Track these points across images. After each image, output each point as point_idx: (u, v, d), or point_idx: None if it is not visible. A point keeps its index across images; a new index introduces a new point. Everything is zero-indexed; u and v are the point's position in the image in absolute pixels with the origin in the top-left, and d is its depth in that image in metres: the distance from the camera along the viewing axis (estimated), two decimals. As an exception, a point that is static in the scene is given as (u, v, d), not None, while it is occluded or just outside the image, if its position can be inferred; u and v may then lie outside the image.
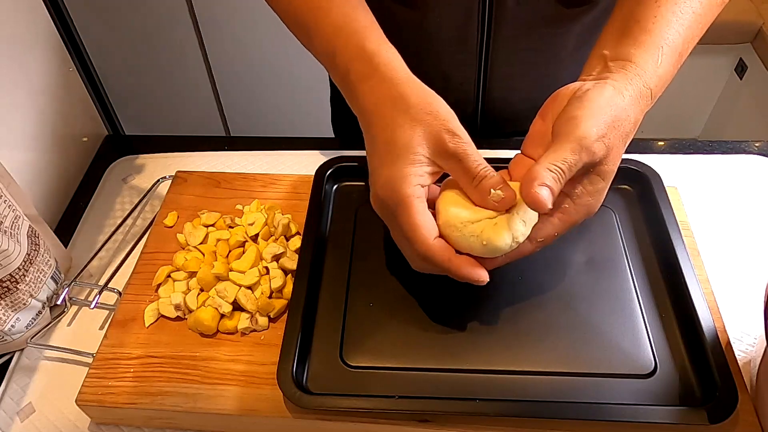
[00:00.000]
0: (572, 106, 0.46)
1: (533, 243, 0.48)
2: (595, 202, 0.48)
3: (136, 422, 0.52)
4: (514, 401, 0.48)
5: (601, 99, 0.45)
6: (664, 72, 0.49)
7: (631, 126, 0.47)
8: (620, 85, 0.46)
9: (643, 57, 0.48)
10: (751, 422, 0.47)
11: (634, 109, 0.47)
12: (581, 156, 0.43)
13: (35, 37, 0.68)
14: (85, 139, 0.78)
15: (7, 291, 0.52)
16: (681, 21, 0.49)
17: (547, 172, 0.43)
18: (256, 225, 0.61)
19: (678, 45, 0.49)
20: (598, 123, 0.44)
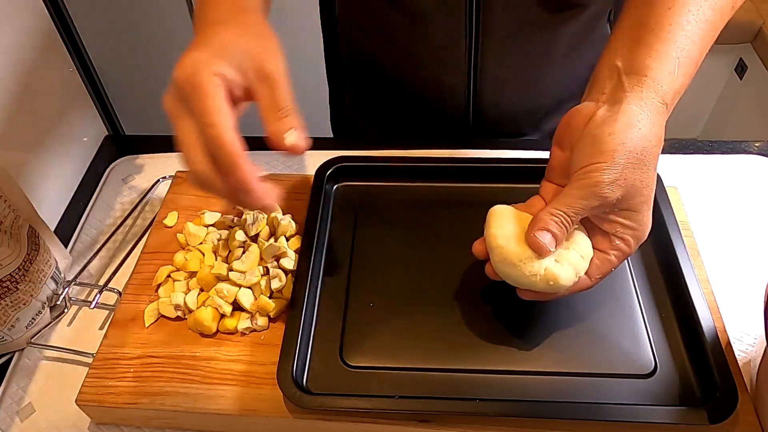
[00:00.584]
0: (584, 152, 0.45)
1: (591, 279, 0.48)
2: (641, 232, 0.47)
3: (136, 422, 0.52)
4: (514, 401, 0.48)
5: (615, 137, 0.44)
6: (680, 84, 0.47)
7: (654, 149, 0.45)
8: (636, 109, 0.45)
9: (659, 69, 0.46)
10: (751, 422, 0.47)
11: (653, 129, 0.45)
12: (590, 201, 0.44)
13: (35, 37, 0.68)
14: (85, 139, 0.78)
15: (7, 291, 0.52)
16: (695, 29, 0.48)
17: (550, 217, 0.44)
18: (257, 225, 0.61)
19: (694, 55, 0.48)
20: (611, 168, 0.43)
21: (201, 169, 0.43)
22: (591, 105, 0.47)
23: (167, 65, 0.42)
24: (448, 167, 0.64)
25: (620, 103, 0.45)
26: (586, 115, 0.46)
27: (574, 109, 0.48)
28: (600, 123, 0.45)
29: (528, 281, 0.46)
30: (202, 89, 0.42)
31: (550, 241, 0.45)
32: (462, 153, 0.71)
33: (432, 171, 0.64)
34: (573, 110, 0.48)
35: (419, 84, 0.75)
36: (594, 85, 0.49)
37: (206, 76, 0.42)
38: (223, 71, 0.43)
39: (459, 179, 0.63)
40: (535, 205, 0.50)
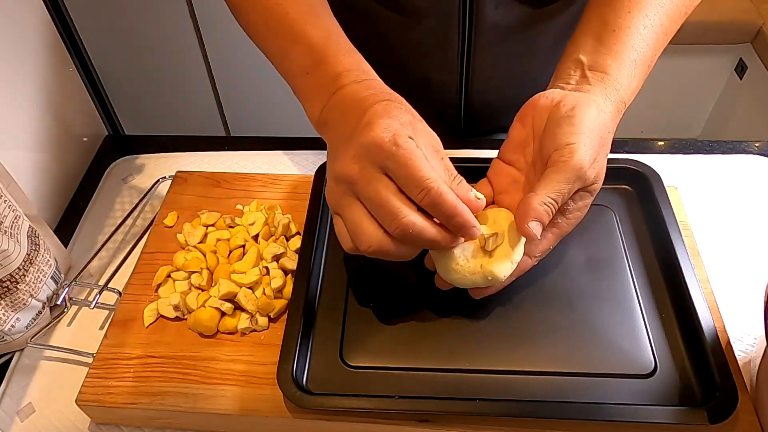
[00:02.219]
0: (564, 130, 0.46)
1: (532, 258, 0.50)
2: (583, 213, 0.50)
3: (136, 422, 0.52)
4: (514, 401, 0.48)
5: (590, 121, 0.46)
6: (636, 86, 0.51)
7: (610, 139, 0.48)
8: (601, 101, 0.48)
9: (618, 70, 0.50)
10: (751, 422, 0.47)
11: (612, 124, 0.48)
12: (575, 185, 0.46)
13: (35, 37, 0.68)
14: (85, 139, 0.78)
15: (7, 291, 0.52)
16: (650, 34, 0.51)
17: (541, 205, 0.45)
18: (257, 225, 0.61)
19: (648, 58, 0.51)
20: (590, 149, 0.45)
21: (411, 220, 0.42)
22: (557, 91, 0.50)
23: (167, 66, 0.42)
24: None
25: (588, 92, 0.49)
26: (553, 99, 0.49)
27: (540, 93, 0.51)
28: (573, 106, 0.47)
29: (470, 281, 0.48)
30: (409, 149, 0.42)
31: (540, 229, 0.45)
32: (457, 153, 0.71)
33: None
34: (539, 94, 0.50)
35: (411, 82, 0.75)
36: (559, 76, 0.52)
37: (407, 138, 0.42)
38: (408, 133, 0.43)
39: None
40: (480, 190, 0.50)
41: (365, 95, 0.46)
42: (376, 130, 0.42)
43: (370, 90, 0.46)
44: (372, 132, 0.42)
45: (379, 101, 0.45)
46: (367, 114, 0.44)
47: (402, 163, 0.41)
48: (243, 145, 0.77)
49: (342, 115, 0.47)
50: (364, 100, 0.45)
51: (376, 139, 0.42)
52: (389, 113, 0.43)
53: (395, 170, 0.42)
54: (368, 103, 0.45)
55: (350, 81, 0.47)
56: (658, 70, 0.52)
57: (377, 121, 0.43)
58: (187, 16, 1.44)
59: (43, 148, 0.69)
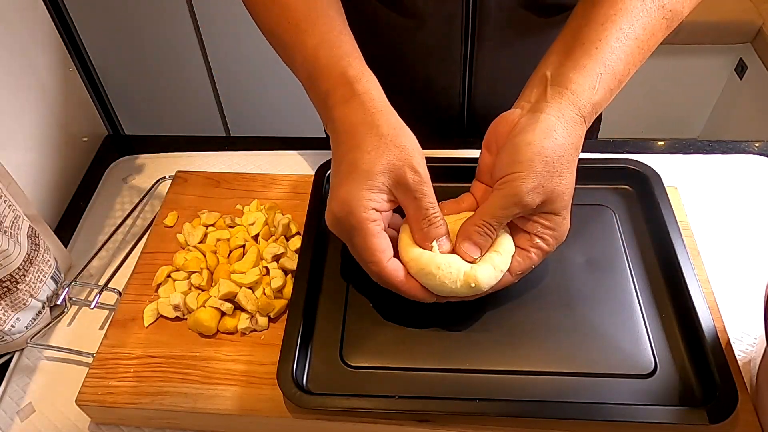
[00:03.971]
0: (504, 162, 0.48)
1: (513, 275, 0.50)
2: (560, 233, 0.50)
3: (136, 422, 0.52)
4: (514, 401, 0.48)
5: (527, 150, 0.46)
6: (599, 99, 0.50)
7: (570, 156, 0.48)
8: (554, 120, 0.48)
9: (580, 84, 0.49)
10: (751, 422, 0.47)
11: (568, 139, 0.48)
12: (512, 210, 0.47)
13: (35, 37, 0.68)
14: (85, 139, 0.78)
15: (7, 291, 0.52)
16: (623, 47, 0.50)
17: (475, 227, 0.48)
18: (257, 225, 0.61)
19: (618, 71, 0.50)
20: (528, 177, 0.46)
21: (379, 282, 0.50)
22: (516, 112, 0.51)
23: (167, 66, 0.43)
24: (444, 167, 0.64)
25: (540, 112, 0.48)
26: (511, 122, 0.50)
27: (501, 115, 0.52)
28: (519, 131, 0.48)
29: (449, 289, 0.48)
30: (360, 231, 0.47)
31: (474, 250, 0.48)
32: (458, 153, 0.71)
33: (429, 171, 0.63)
34: (500, 116, 0.52)
35: (414, 85, 0.75)
36: (524, 93, 0.52)
37: (363, 215, 0.46)
38: (374, 204, 0.47)
39: (456, 179, 0.63)
40: (464, 200, 0.54)
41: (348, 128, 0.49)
42: (334, 204, 0.48)
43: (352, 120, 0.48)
44: (332, 204, 0.48)
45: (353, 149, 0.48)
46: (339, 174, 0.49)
47: (355, 242, 0.48)
48: (243, 145, 0.77)
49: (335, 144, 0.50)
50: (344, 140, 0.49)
51: (334, 214, 0.48)
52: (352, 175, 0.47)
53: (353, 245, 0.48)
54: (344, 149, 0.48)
55: (336, 102, 0.49)
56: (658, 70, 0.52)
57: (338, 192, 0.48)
58: (187, 16, 1.44)
59: (43, 148, 0.69)
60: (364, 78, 0.49)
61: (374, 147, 0.47)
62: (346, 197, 0.47)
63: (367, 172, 0.47)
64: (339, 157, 0.49)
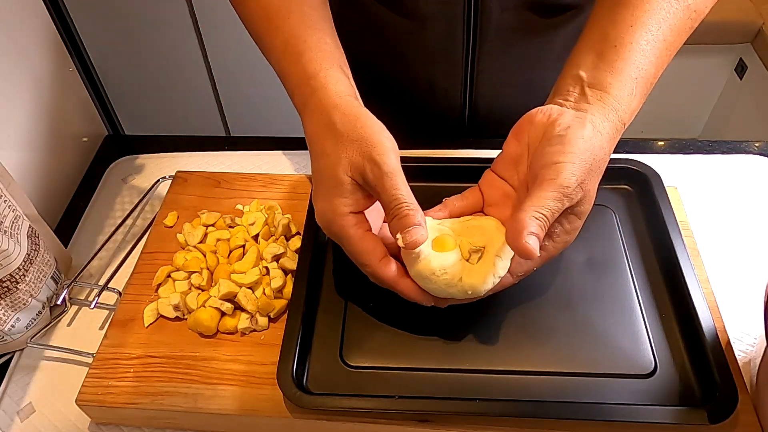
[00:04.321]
0: (554, 149, 0.46)
1: (514, 277, 0.49)
2: (571, 237, 0.49)
3: (136, 422, 0.52)
4: (514, 401, 0.48)
5: (581, 142, 0.45)
6: (636, 105, 0.49)
7: (605, 162, 0.47)
8: (599, 121, 0.47)
9: (619, 89, 0.48)
10: (751, 422, 0.47)
11: (609, 144, 0.47)
12: (563, 203, 0.45)
13: (35, 37, 0.68)
14: (85, 139, 0.78)
15: (7, 291, 0.52)
16: (653, 50, 0.50)
17: (533, 220, 0.43)
18: (257, 225, 0.61)
19: (650, 75, 0.50)
20: (578, 170, 0.45)
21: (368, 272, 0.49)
22: (555, 108, 0.49)
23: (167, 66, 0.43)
24: (445, 167, 0.64)
25: (586, 111, 0.47)
26: (549, 116, 0.48)
27: (537, 108, 0.50)
28: (568, 125, 0.46)
29: (445, 293, 0.47)
30: (344, 238, 0.47)
31: (536, 244, 0.43)
32: (459, 153, 0.71)
33: (430, 171, 0.63)
34: (536, 110, 0.50)
35: (416, 86, 0.75)
36: (558, 92, 0.51)
37: (340, 225, 0.47)
38: (348, 209, 0.47)
39: (457, 179, 0.63)
40: (469, 196, 0.53)
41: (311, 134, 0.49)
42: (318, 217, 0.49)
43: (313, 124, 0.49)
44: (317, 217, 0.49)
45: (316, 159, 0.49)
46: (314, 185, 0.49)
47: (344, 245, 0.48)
48: (243, 145, 0.77)
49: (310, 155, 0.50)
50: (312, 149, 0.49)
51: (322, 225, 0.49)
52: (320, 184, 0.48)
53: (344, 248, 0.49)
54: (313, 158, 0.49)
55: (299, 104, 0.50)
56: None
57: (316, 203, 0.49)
58: (187, 16, 1.44)
59: (43, 148, 0.69)
60: (321, 73, 0.48)
61: (333, 148, 0.47)
62: (321, 209, 0.48)
63: (331, 178, 0.47)
64: (312, 167, 0.50)
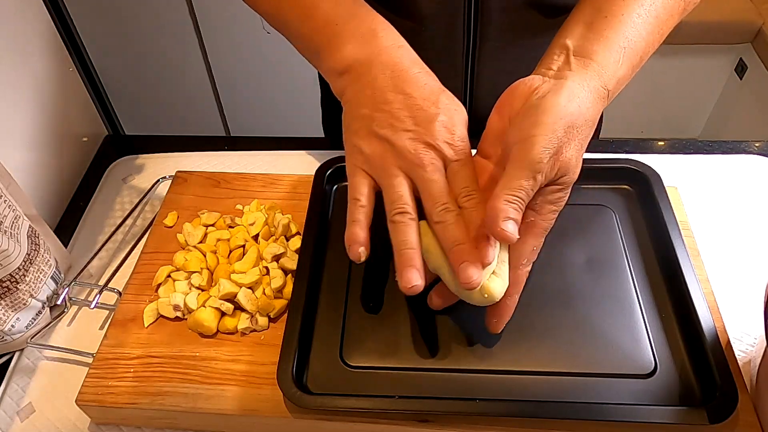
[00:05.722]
0: (527, 122, 0.45)
1: (521, 268, 0.48)
2: (558, 207, 0.47)
3: (136, 422, 0.52)
4: (514, 401, 0.48)
5: (555, 110, 0.44)
6: (623, 74, 0.49)
7: (587, 129, 0.46)
8: (577, 87, 0.46)
9: (605, 56, 0.48)
10: (751, 422, 0.47)
11: (590, 110, 0.46)
12: (537, 180, 0.44)
13: (35, 37, 0.68)
14: (85, 139, 0.78)
15: (7, 291, 0.52)
16: (644, 24, 0.49)
17: (507, 204, 0.43)
18: (257, 225, 0.61)
19: (640, 48, 0.49)
20: (550, 143, 0.43)
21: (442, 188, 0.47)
22: (536, 78, 0.48)
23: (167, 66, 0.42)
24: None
25: (564, 78, 0.47)
26: (530, 87, 0.48)
27: (519, 80, 0.49)
28: (542, 95, 0.46)
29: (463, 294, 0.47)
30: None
31: (514, 228, 0.42)
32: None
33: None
34: (518, 82, 0.49)
35: None
36: (543, 62, 0.50)
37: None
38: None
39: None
40: None
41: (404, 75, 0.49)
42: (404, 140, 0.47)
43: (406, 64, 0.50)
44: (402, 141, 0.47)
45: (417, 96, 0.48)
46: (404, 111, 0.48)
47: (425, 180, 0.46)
48: (243, 145, 0.77)
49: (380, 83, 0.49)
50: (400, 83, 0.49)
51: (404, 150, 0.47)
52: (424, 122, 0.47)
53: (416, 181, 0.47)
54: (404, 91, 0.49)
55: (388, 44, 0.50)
56: (658, 70, 0.51)
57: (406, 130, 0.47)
58: (187, 17, 1.45)
59: (43, 148, 0.69)
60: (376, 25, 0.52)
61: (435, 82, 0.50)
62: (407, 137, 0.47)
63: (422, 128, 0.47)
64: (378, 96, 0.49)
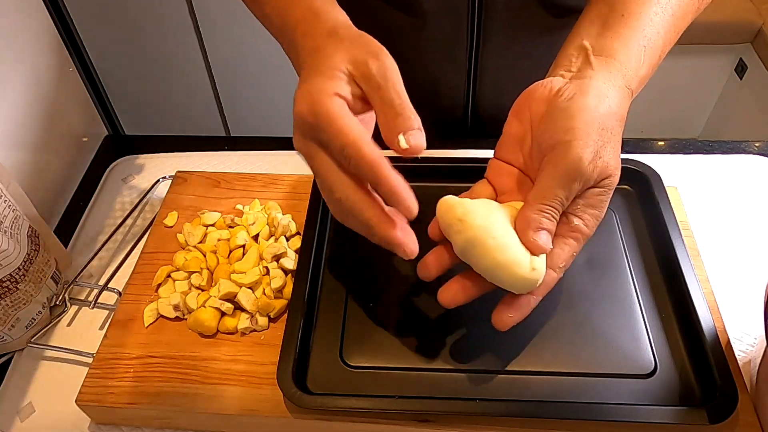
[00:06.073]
0: (558, 126, 0.43)
1: (557, 271, 0.45)
2: (602, 212, 0.45)
3: (136, 422, 0.52)
4: (514, 401, 0.48)
5: (587, 113, 0.42)
6: (644, 72, 0.47)
7: (620, 128, 0.44)
8: (603, 86, 0.44)
9: (626, 54, 0.46)
10: (751, 422, 0.47)
11: (619, 109, 0.44)
12: (574, 186, 0.42)
13: (35, 37, 0.68)
14: (85, 139, 0.78)
15: (7, 291, 0.52)
16: (661, 21, 0.48)
17: (539, 214, 0.42)
18: (257, 225, 0.61)
19: (658, 46, 0.48)
20: (588, 145, 0.41)
21: (341, 196, 0.41)
22: (557, 80, 0.46)
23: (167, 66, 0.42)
24: (447, 167, 0.64)
25: (588, 78, 0.44)
26: (551, 89, 0.45)
27: (537, 83, 0.47)
28: (569, 97, 0.44)
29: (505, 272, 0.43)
30: (327, 114, 0.40)
31: (547, 239, 0.42)
32: (461, 153, 0.71)
33: (431, 171, 0.63)
34: (536, 84, 0.47)
35: (418, 84, 0.74)
36: (560, 63, 0.48)
37: (326, 101, 0.40)
38: (338, 90, 0.41)
39: (458, 179, 0.63)
40: (479, 192, 0.48)
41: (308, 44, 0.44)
42: (297, 103, 0.41)
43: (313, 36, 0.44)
44: (295, 105, 0.42)
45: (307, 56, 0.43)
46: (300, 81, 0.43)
47: (324, 132, 0.40)
48: (243, 145, 0.77)
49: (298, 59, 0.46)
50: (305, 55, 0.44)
51: (298, 113, 0.41)
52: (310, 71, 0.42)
53: (323, 141, 0.41)
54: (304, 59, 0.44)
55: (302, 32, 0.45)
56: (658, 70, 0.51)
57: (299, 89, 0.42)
58: (187, 16, 1.45)
59: (43, 148, 0.69)
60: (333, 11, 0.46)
61: (334, 47, 0.43)
62: (307, 90, 0.41)
63: (327, 67, 0.42)
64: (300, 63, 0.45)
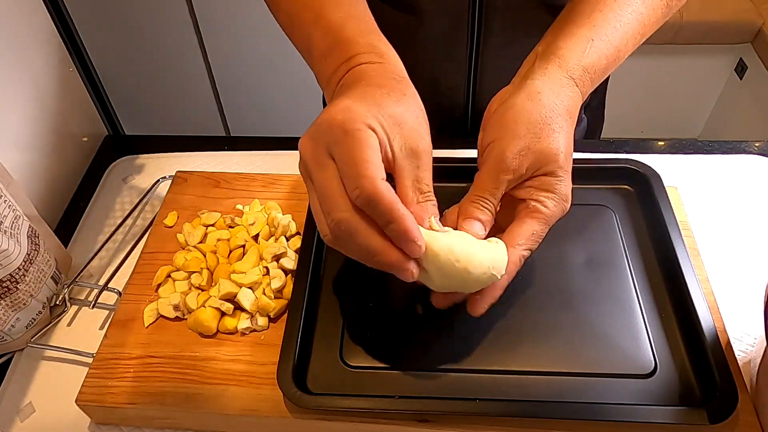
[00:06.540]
0: (486, 133, 0.48)
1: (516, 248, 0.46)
2: (559, 195, 0.47)
3: (136, 422, 0.52)
4: (514, 401, 0.48)
5: (514, 110, 0.46)
6: (590, 61, 0.49)
7: (561, 115, 0.46)
8: (537, 82, 0.47)
9: (570, 50, 0.49)
10: (751, 422, 0.47)
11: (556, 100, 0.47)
12: (503, 178, 0.45)
13: (35, 37, 0.68)
14: (85, 139, 0.78)
15: (7, 291, 0.52)
16: (620, 19, 0.51)
17: (471, 204, 0.46)
18: (257, 225, 0.61)
19: (615, 38, 0.51)
20: (513, 140, 0.45)
21: (345, 217, 0.39)
22: (506, 89, 0.51)
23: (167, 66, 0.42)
24: (447, 167, 0.64)
25: (527, 79, 0.48)
26: (500, 98, 0.50)
27: (496, 95, 0.52)
28: (504, 100, 0.48)
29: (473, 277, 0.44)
30: (358, 138, 0.39)
31: (480, 228, 0.46)
32: (461, 153, 0.71)
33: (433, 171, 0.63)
34: (495, 96, 0.51)
35: (418, 83, 0.74)
36: (517, 73, 0.52)
37: (362, 126, 0.39)
38: (377, 129, 0.40)
39: (458, 179, 0.63)
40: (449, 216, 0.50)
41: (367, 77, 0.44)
42: (332, 111, 0.40)
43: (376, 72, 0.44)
44: (329, 112, 0.40)
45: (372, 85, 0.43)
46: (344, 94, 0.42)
47: (345, 151, 0.39)
48: (243, 145, 0.77)
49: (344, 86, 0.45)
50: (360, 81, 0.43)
51: (328, 120, 0.40)
52: (365, 98, 0.41)
53: (339, 157, 0.40)
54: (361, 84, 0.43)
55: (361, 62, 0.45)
56: (658, 70, 0.51)
57: (342, 101, 0.41)
58: (187, 16, 1.45)
59: (43, 148, 0.69)
60: (391, 52, 0.47)
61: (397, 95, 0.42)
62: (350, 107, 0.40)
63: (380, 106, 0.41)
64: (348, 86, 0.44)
